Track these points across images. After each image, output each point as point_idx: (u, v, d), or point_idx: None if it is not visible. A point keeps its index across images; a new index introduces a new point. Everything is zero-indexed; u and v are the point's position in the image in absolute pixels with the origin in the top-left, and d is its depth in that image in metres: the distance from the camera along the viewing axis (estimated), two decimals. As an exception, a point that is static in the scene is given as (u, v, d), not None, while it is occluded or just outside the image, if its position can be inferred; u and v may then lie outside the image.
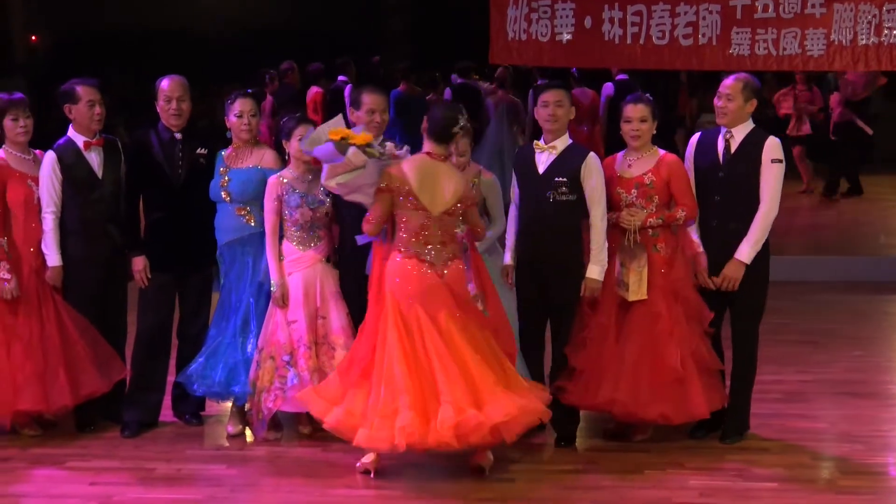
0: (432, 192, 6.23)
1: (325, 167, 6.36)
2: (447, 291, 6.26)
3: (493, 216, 6.91)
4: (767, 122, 6.98)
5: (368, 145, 6.28)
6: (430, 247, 6.26)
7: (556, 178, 6.58)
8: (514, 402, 6.10)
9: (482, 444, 6.15)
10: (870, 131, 14.77)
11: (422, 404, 6.03)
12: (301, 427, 6.93)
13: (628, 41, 8.87)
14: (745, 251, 6.49)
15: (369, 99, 6.75)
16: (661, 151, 6.64)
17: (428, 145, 6.33)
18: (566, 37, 9.01)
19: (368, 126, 6.69)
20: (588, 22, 8.93)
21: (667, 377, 6.43)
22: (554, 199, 6.57)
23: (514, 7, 9.07)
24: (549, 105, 6.63)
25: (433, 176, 6.26)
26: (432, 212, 6.24)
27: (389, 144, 6.42)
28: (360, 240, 6.43)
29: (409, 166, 6.28)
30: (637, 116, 6.58)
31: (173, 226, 6.92)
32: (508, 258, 6.79)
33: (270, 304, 6.75)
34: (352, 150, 6.20)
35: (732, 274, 6.50)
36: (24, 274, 6.84)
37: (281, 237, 6.77)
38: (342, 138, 6.24)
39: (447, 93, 13.81)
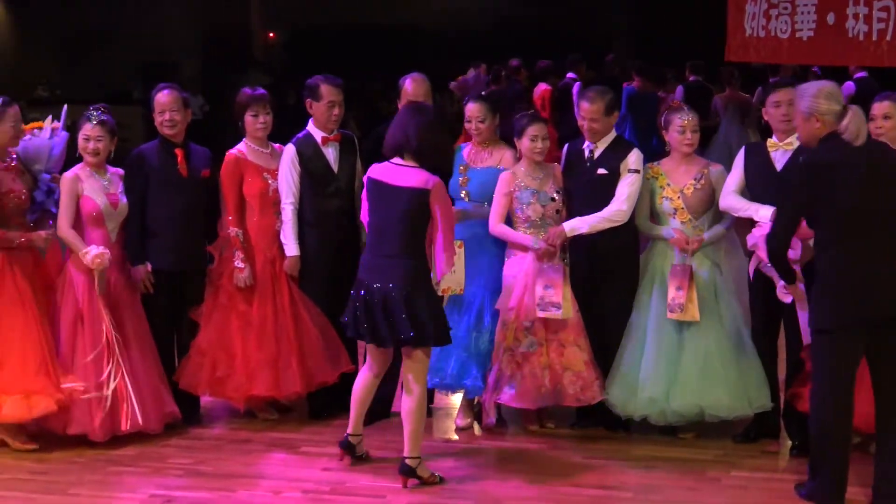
0: None
1: None
2: None
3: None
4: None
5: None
6: None
7: None
8: None
9: None
10: None
11: None
12: (528, 424, 6.95)
13: (874, 38, 8.48)
14: None
15: (584, 105, 6.79)
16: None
17: None
18: (807, 33, 8.69)
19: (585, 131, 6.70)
20: (831, 18, 8.58)
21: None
22: None
23: (752, 3, 8.83)
24: (782, 105, 6.48)
25: None
26: None
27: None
28: None
29: None
30: (880, 114, 6.39)
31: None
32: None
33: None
34: None
35: None
36: (259, 263, 7.03)
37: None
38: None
39: (678, 90, 13.62)
